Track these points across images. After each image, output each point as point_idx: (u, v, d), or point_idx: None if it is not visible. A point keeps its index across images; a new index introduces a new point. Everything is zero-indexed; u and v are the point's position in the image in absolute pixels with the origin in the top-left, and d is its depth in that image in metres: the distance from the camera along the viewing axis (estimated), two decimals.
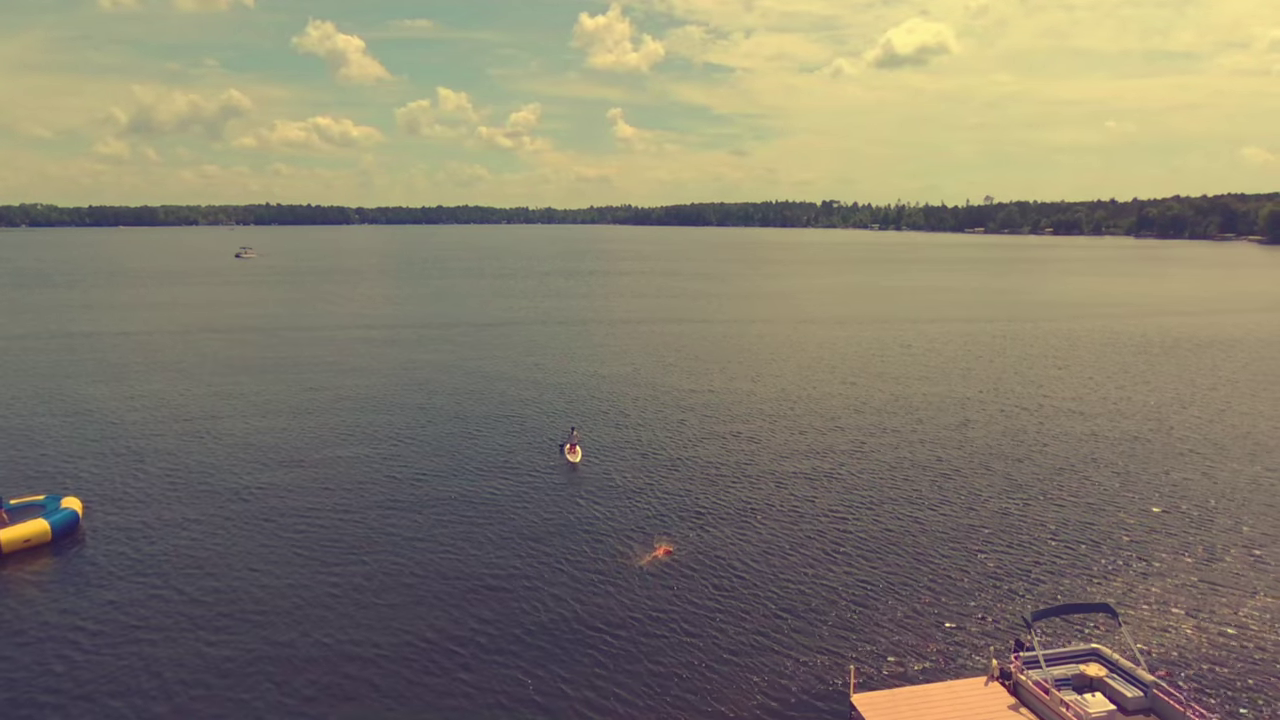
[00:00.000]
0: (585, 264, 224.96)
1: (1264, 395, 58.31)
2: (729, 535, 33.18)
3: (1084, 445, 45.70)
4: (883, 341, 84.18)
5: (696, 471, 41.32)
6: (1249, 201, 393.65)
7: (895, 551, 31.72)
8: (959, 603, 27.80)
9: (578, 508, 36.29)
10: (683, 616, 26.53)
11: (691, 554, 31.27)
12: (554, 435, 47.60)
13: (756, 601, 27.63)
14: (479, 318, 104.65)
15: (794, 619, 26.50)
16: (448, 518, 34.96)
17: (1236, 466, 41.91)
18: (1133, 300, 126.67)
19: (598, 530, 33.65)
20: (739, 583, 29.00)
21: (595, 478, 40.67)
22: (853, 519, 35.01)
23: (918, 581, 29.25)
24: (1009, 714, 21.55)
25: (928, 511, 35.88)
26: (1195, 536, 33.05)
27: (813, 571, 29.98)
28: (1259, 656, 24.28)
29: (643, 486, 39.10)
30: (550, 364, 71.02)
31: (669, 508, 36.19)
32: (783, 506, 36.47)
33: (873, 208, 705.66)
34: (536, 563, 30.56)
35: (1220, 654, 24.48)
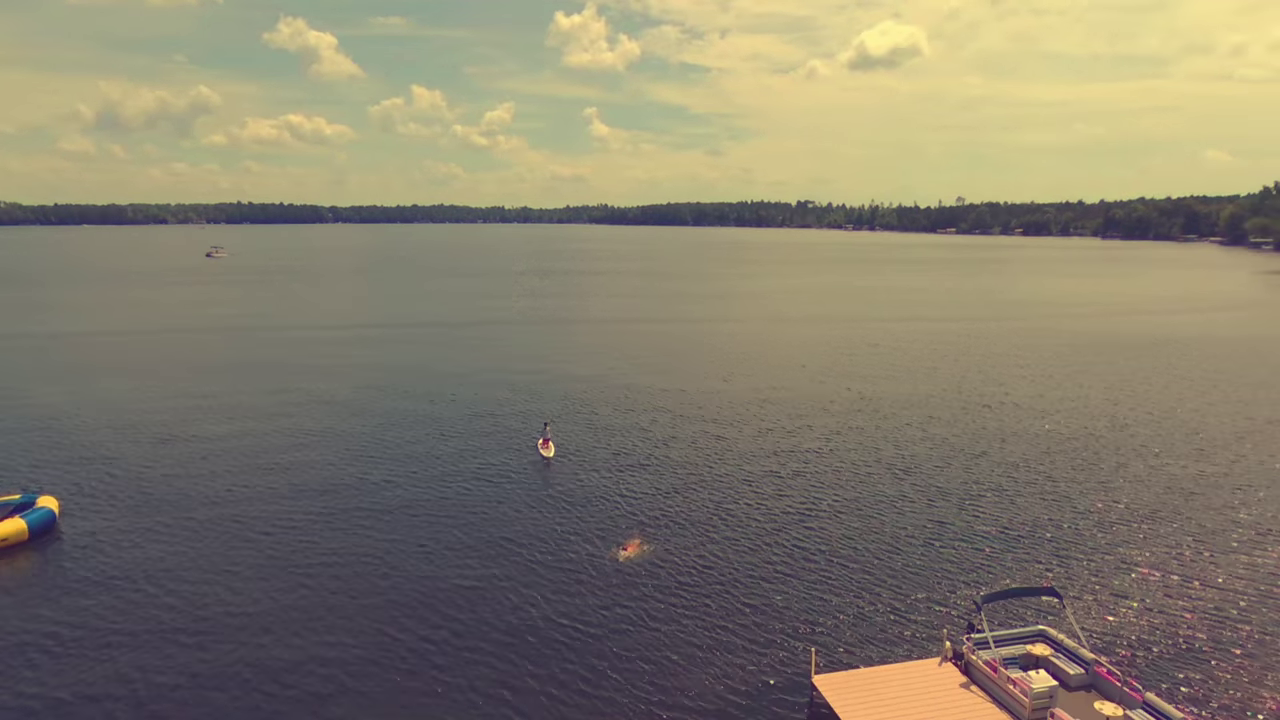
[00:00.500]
0: (561, 264, 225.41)
1: (1214, 393, 60.58)
2: (697, 529, 34.19)
3: (1040, 442, 47.37)
4: (851, 341, 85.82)
5: (667, 467, 42.30)
6: (1211, 204, 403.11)
7: (857, 543, 32.95)
8: (916, 589, 29.10)
9: (550, 503, 37.10)
10: (650, 609, 27.47)
11: (660, 548, 32.24)
12: (528, 431, 48.45)
13: (723, 593, 28.67)
14: (454, 317, 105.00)
15: (759, 608, 27.59)
16: (422, 516, 35.58)
17: (1183, 462, 43.77)
18: (1096, 300, 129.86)
19: (569, 525, 34.50)
20: (706, 575, 30.01)
21: (568, 473, 41.52)
22: (817, 513, 36.21)
23: (877, 570, 30.50)
24: (960, 692, 22.82)
25: (889, 505, 37.20)
26: (1139, 527, 34.67)
27: (778, 563, 31.09)
28: (1189, 636, 25.80)
29: (614, 482, 40.02)
30: (524, 363, 71.67)
31: (639, 503, 37.12)
32: (750, 501, 37.58)
33: (847, 208, 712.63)
34: (508, 560, 31.29)
35: (1155, 634, 25.97)
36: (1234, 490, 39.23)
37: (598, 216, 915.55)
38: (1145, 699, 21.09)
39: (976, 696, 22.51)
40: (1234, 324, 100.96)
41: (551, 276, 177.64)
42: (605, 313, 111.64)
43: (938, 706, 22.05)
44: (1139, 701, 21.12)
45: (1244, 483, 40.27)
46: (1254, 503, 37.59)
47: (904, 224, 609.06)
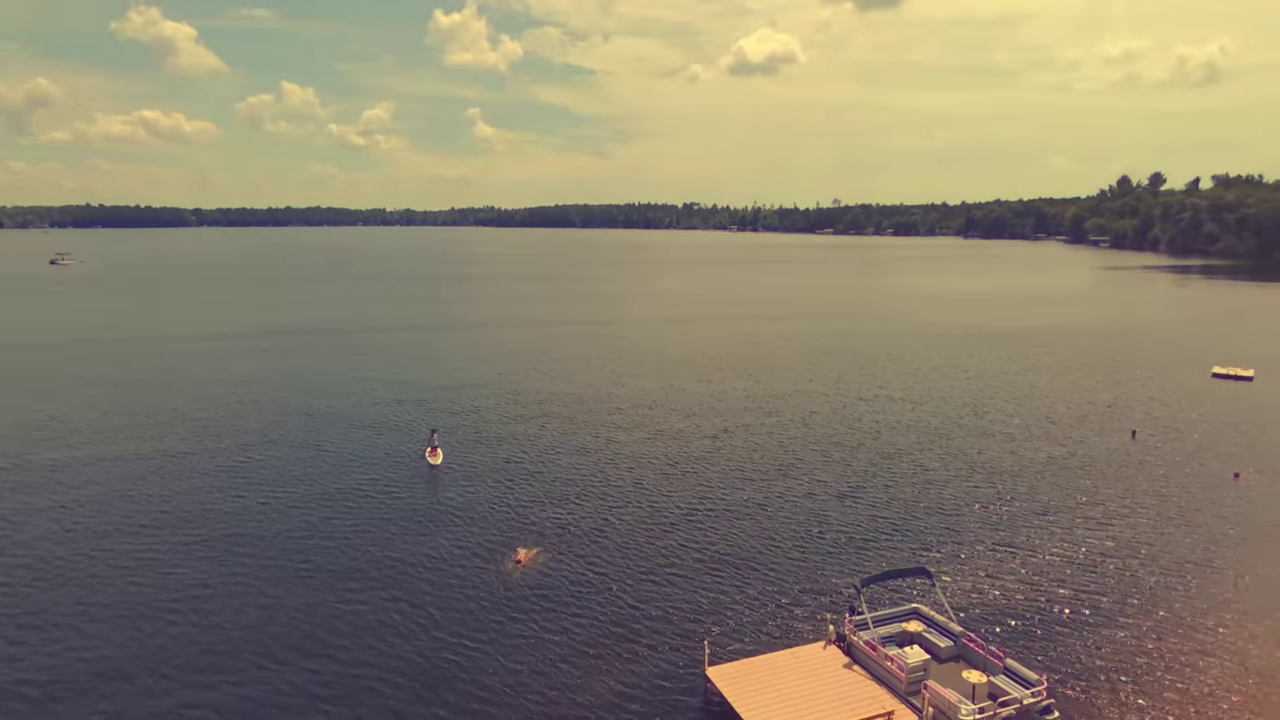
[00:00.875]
0: (447, 267, 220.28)
1: (1060, 380, 66.28)
2: (588, 534, 34.30)
3: (910, 431, 50.39)
4: (736, 340, 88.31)
5: (558, 473, 42.21)
6: (1057, 205, 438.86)
7: (744, 537, 33.98)
8: (800, 578, 30.35)
9: (438, 515, 36.27)
10: (542, 618, 27.35)
11: (552, 555, 32.15)
12: (414, 441, 47.27)
13: (616, 596, 28.91)
14: (333, 324, 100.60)
15: (652, 608, 27.99)
16: (300, 540, 33.99)
17: (1036, 444, 47.69)
18: (959, 296, 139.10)
19: (458, 538, 33.84)
20: (598, 579, 30.16)
21: (457, 481, 40.81)
22: (706, 511, 37.10)
23: (764, 563, 31.57)
24: (844, 672, 24.10)
25: (774, 499, 38.55)
26: (998, 508, 37.49)
27: (669, 562, 31.62)
28: (1043, 605, 28.12)
29: (504, 489, 39.58)
30: (410, 369, 69.70)
31: (530, 511, 36.87)
32: (641, 503, 38.05)
33: (731, 209, 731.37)
34: (394, 579, 30.39)
35: (1014, 605, 28.16)
36: (1079, 470, 43.08)
37: (485, 219, 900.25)
38: (1006, 664, 22.95)
39: (859, 675, 23.83)
40: (1076, 316, 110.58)
41: (438, 280, 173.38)
42: (494, 317, 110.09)
43: (823, 687, 23.19)
44: (1000, 667, 22.97)
45: (1086, 462, 44.30)
46: (1096, 481, 41.41)
47: (785, 225, 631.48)
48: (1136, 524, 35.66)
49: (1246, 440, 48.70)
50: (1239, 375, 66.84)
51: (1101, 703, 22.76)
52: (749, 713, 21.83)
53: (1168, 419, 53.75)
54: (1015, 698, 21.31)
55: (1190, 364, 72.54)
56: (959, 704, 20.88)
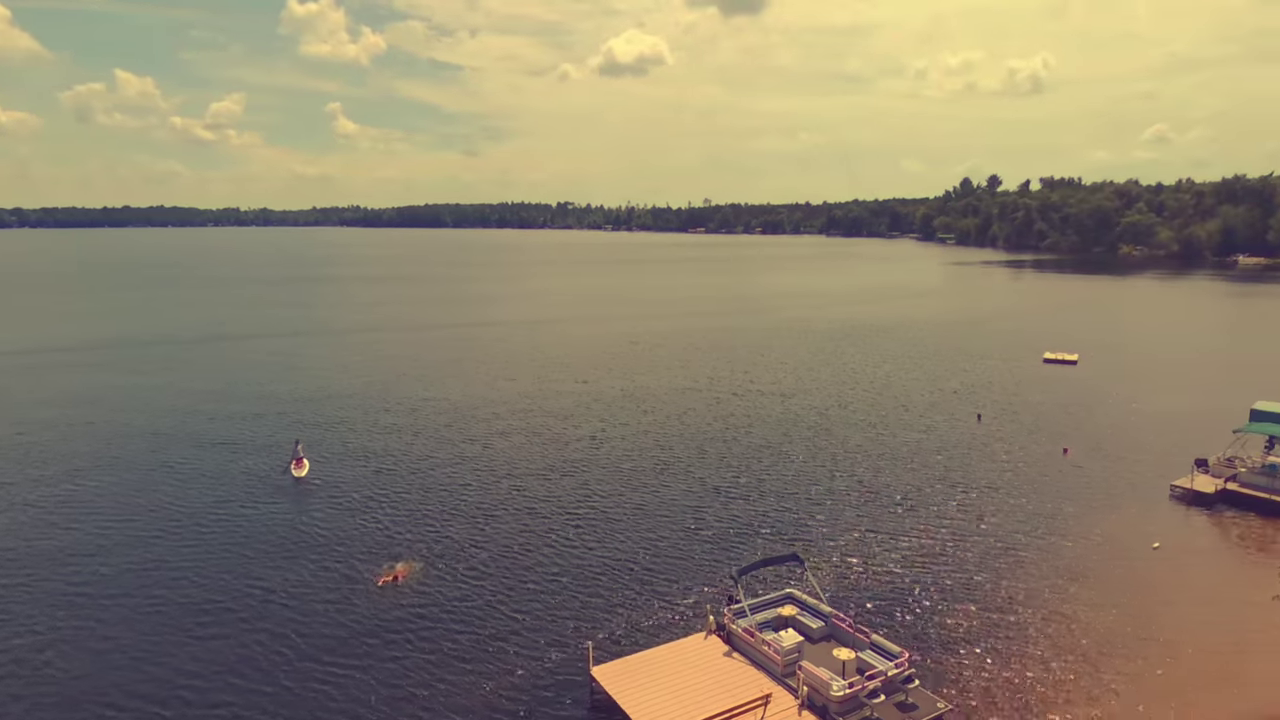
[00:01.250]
0: (307, 270, 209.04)
1: (915, 370, 70.99)
2: (464, 543, 33.54)
3: (780, 424, 52.47)
4: (613, 339, 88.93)
5: (431, 481, 41.03)
6: (909, 205, 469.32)
7: (624, 536, 34.22)
8: (681, 572, 30.93)
9: (305, 527, 34.45)
10: (420, 632, 26.53)
11: (426, 567, 31.22)
12: (277, 454, 44.82)
13: (495, 604, 28.38)
14: (182, 333, 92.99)
15: (533, 613, 27.68)
16: (147, 560, 31.45)
17: (894, 431, 50.86)
18: (823, 292, 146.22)
19: (326, 553, 32.23)
20: (476, 589, 29.54)
21: (324, 493, 38.99)
22: (584, 512, 37.09)
23: (644, 560, 31.92)
24: (724, 660, 24.81)
25: (652, 496, 39.08)
26: (863, 492, 39.64)
27: (549, 566, 31.38)
28: (904, 581, 29.95)
29: (374, 500, 38.08)
30: (270, 380, 65.66)
31: (402, 522, 35.64)
32: (518, 507, 37.57)
33: (605, 209, 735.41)
34: (255, 599, 28.65)
35: (878, 583, 29.84)
36: (932, 453, 46.26)
37: (350, 219, 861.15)
38: (872, 640, 24.38)
39: (738, 662, 24.63)
40: (926, 309, 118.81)
41: (298, 284, 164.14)
42: (359, 322, 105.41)
43: (705, 677, 23.78)
44: (867, 643, 24.35)
45: (939, 446, 47.63)
46: (948, 462, 44.61)
47: (659, 224, 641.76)
48: (983, 501, 38.73)
49: (1074, 419, 53.91)
50: (1065, 360, 73.93)
51: (955, 668, 24.58)
52: (633, 708, 22.08)
53: (1006, 402, 58.70)
54: (880, 670, 22.65)
55: (1024, 350, 79.56)
56: (830, 681, 21.98)
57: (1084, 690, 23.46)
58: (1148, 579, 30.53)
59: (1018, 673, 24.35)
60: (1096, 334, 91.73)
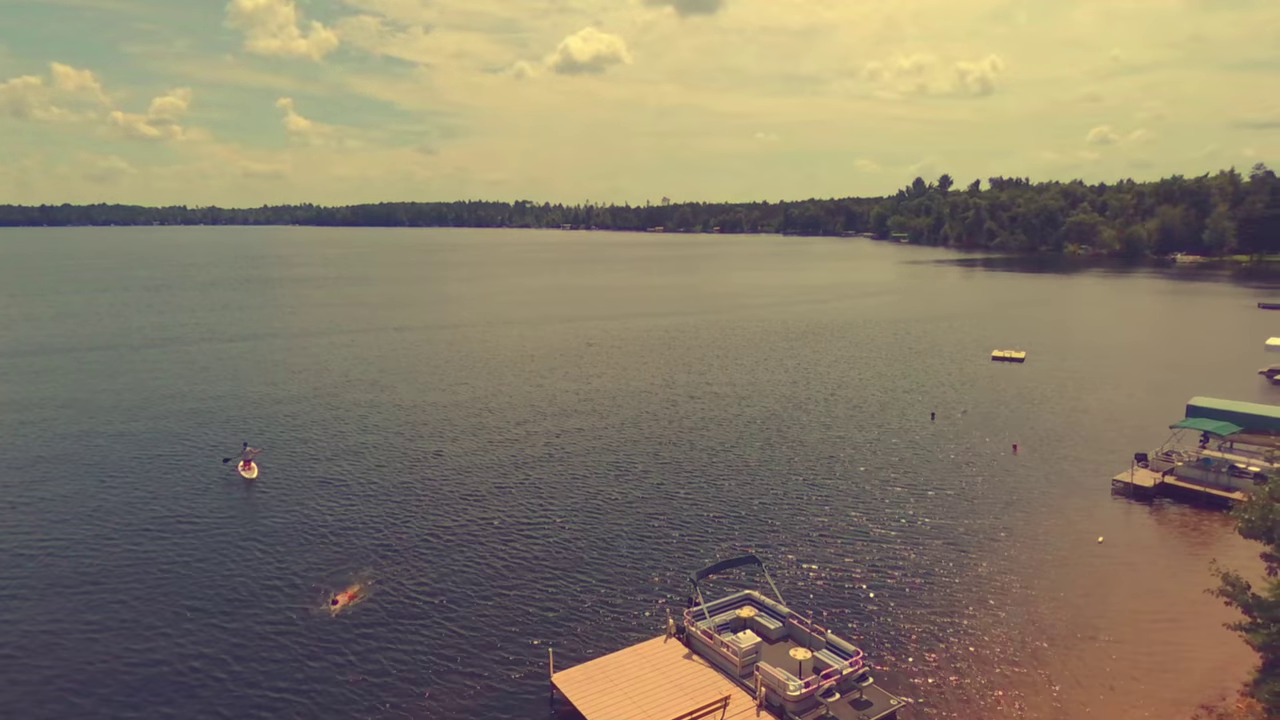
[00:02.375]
0: (257, 271, 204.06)
1: (868, 369, 72.22)
2: (417, 550, 33.18)
3: (736, 426, 52.93)
4: (569, 341, 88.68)
5: (383, 486, 40.46)
6: (863, 204, 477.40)
7: (582, 541, 34.18)
8: (640, 576, 31.02)
9: (248, 533, 33.73)
10: (374, 645, 26.18)
11: (379, 575, 30.78)
12: (227, 455, 44.15)
13: (452, 613, 28.12)
14: (124, 338, 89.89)
15: (491, 620, 27.50)
16: (71, 576, 30.43)
17: (848, 431, 51.72)
18: (779, 290, 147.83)
19: (271, 566, 31.55)
20: (430, 599, 29.24)
21: (272, 495, 38.46)
22: (541, 518, 36.95)
23: (604, 564, 31.94)
24: (684, 663, 25.04)
25: (609, 500, 39.11)
26: (818, 492, 40.19)
27: (507, 573, 31.19)
28: (859, 580, 30.47)
29: (324, 503, 37.45)
30: (218, 385, 63.89)
31: (353, 527, 35.11)
32: (471, 514, 37.26)
33: (564, 208, 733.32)
34: (194, 620, 27.91)
35: (834, 583, 30.30)
36: (886, 452, 47.05)
37: (303, 218, 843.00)
38: (828, 639, 24.87)
39: (698, 664, 24.89)
40: (880, 307, 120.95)
41: (248, 286, 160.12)
42: (310, 325, 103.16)
43: (665, 680, 23.99)
44: (823, 642, 24.83)
45: (893, 445, 48.51)
46: (902, 461, 45.51)
47: (617, 223, 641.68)
48: (935, 499, 39.65)
49: (1022, 416, 55.48)
50: (1013, 357, 76.01)
51: (907, 665, 25.16)
52: (594, 714, 22.20)
53: (957, 400, 60.16)
54: (836, 669, 23.12)
55: (974, 349, 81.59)
56: (787, 681, 22.37)
57: (1029, 684, 24.23)
58: (1091, 573, 31.60)
59: (966, 668, 25.04)
60: (1042, 332, 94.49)
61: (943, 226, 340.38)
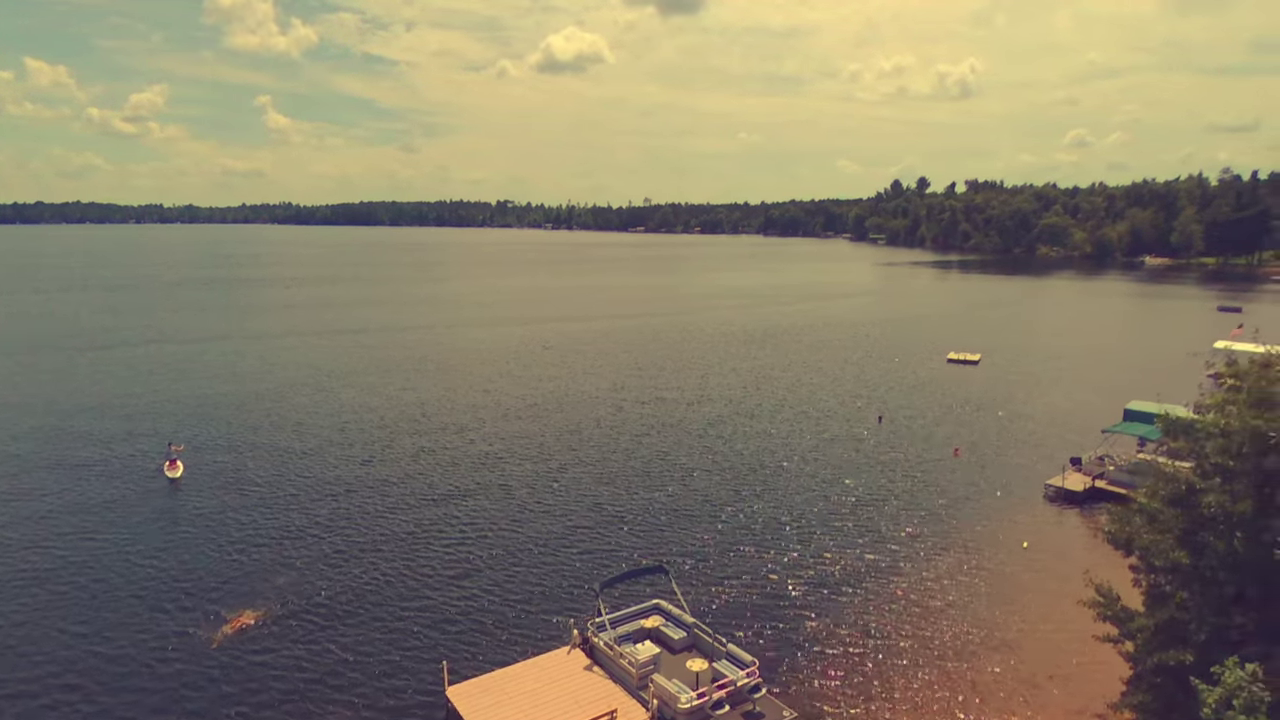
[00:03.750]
0: (225, 271, 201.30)
1: (823, 374, 72.22)
2: (325, 563, 32.64)
3: (674, 432, 52.45)
4: (527, 343, 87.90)
5: (301, 498, 39.66)
6: (842, 205, 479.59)
7: (496, 552, 33.69)
8: (550, 586, 30.63)
9: (157, 549, 33.00)
10: (267, 666, 25.68)
11: (280, 594, 30.21)
12: (152, 455, 44.03)
13: (355, 630, 27.62)
14: (73, 339, 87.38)
15: (392, 638, 27.00)
16: None
17: (791, 439, 51.44)
18: (749, 292, 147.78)
19: (172, 579, 30.90)
20: (333, 617, 28.73)
21: (193, 495, 38.14)
22: (460, 530, 36.34)
23: (514, 576, 31.49)
24: (584, 674, 24.68)
25: (529, 511, 38.60)
26: (750, 502, 39.98)
27: (415, 586, 30.63)
28: (776, 593, 30.34)
29: (238, 516, 36.77)
30: (159, 387, 62.57)
31: (260, 541, 34.48)
32: (389, 526, 36.68)
33: (546, 207, 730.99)
34: (82, 632, 27.18)
35: (749, 594, 30.10)
36: (827, 457, 46.96)
37: (282, 216, 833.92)
38: (728, 650, 24.60)
39: (597, 675, 24.54)
40: (845, 309, 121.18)
41: (215, 286, 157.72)
42: (266, 327, 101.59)
43: (561, 693, 23.61)
44: (723, 653, 24.57)
45: (837, 450, 48.45)
46: (843, 466, 45.44)
47: (599, 223, 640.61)
48: (869, 505, 39.52)
49: (968, 419, 55.61)
50: (968, 360, 76.32)
51: (809, 675, 24.96)
52: None
53: (908, 402, 60.24)
54: (730, 680, 22.87)
55: (931, 351, 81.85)
56: (678, 694, 22.08)
57: (928, 695, 24.10)
58: (1011, 580, 31.58)
59: (866, 680, 24.87)
60: (1002, 334, 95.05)
61: (919, 228, 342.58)
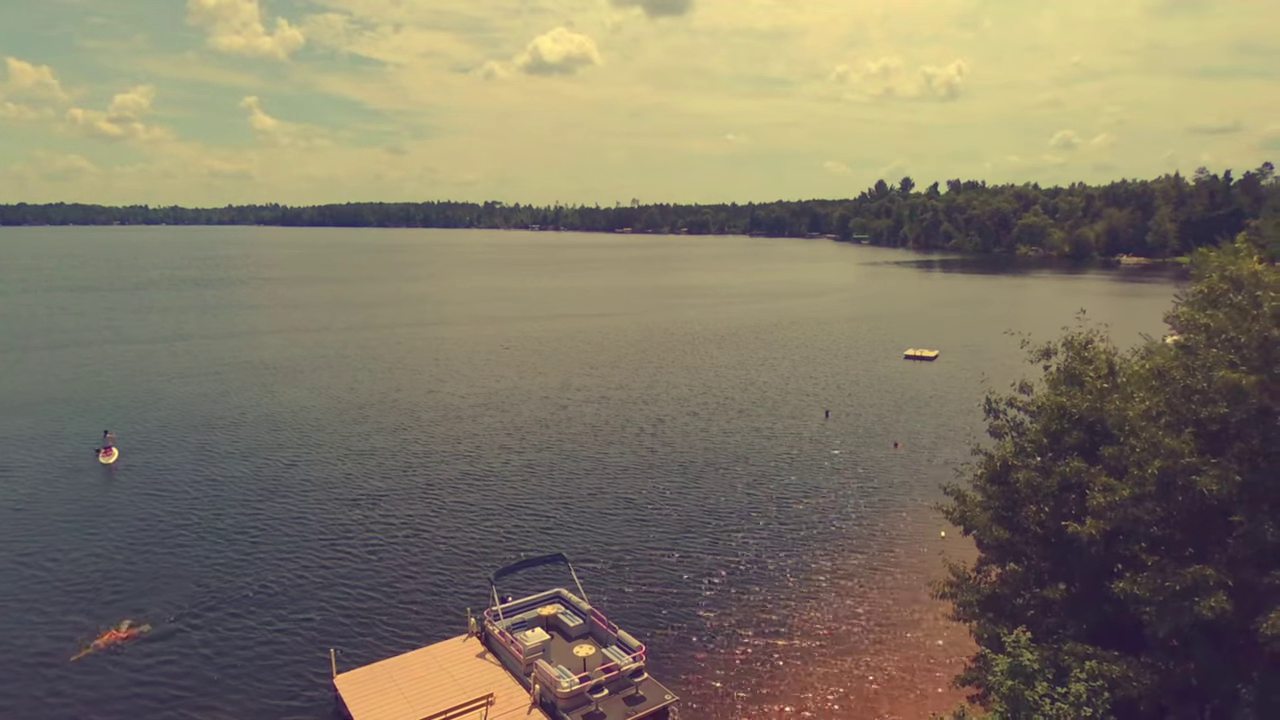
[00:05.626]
0: (198, 271, 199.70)
1: (777, 371, 72.52)
2: (240, 556, 32.84)
3: (614, 429, 52.81)
4: (487, 343, 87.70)
5: (225, 493, 39.75)
6: (828, 206, 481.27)
7: (398, 548, 33.80)
8: (442, 577, 30.92)
9: (88, 526, 33.01)
10: (150, 666, 25.81)
11: (185, 587, 30.30)
12: (90, 443, 45.02)
13: (243, 625, 27.64)
14: (27, 339, 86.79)
15: (283, 633, 27.08)
16: None
17: (727, 434, 51.77)
18: (724, 291, 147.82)
19: (76, 575, 30.93)
20: (224, 611, 28.80)
21: (127, 481, 38.57)
22: (362, 528, 36.27)
23: (413, 571, 31.62)
24: (477, 662, 24.80)
25: (440, 509, 38.72)
26: (673, 495, 40.40)
27: (312, 584, 30.59)
28: (671, 582, 30.71)
29: (164, 506, 36.88)
30: (105, 386, 62.48)
31: (180, 534, 34.64)
32: (310, 523, 36.91)
33: (533, 208, 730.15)
34: None
35: (646, 583, 30.45)
36: (767, 454, 47.26)
37: (268, 218, 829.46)
38: (618, 636, 24.76)
39: (489, 663, 24.68)
40: (815, 307, 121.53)
41: (178, 287, 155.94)
42: (226, 327, 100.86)
43: (449, 680, 23.72)
44: (614, 639, 24.74)
45: (776, 447, 48.77)
46: (778, 463, 45.66)
47: (586, 224, 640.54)
48: (793, 497, 39.86)
49: (916, 413, 56.04)
50: (925, 356, 76.80)
51: (693, 662, 25.25)
52: (362, 714, 21.92)
53: (860, 398, 60.61)
54: (615, 664, 23.03)
55: (890, 348, 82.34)
56: (559, 678, 22.25)
57: (812, 680, 24.42)
58: (919, 571, 31.83)
59: (753, 667, 25.22)
60: (965, 331, 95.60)
61: (902, 228, 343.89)
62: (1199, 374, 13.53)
